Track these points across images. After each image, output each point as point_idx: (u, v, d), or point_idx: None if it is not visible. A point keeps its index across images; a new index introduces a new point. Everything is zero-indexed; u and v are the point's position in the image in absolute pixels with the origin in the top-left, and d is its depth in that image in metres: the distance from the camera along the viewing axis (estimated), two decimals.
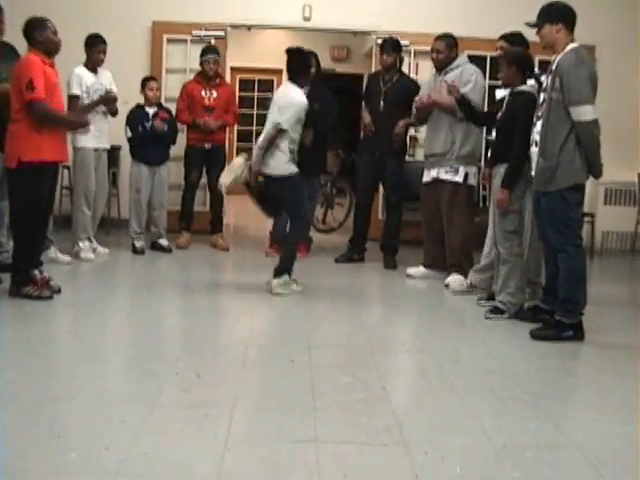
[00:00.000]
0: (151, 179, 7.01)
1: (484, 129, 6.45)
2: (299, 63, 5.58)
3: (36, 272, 5.00)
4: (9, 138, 4.96)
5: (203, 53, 7.36)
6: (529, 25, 4.76)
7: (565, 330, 4.61)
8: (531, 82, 5.16)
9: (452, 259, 6.11)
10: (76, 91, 6.36)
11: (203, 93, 7.27)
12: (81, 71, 6.45)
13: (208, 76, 7.28)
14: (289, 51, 5.64)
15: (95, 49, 6.49)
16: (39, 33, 4.99)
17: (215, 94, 7.29)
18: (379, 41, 7.39)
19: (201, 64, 7.34)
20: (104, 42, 6.54)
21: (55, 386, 3.49)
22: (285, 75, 5.80)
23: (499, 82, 5.46)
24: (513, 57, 5.15)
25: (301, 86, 5.53)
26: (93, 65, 6.54)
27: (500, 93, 5.67)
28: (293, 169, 5.47)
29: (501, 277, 5.16)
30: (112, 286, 5.91)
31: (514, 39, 5.62)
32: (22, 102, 4.85)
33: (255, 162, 5.49)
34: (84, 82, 6.43)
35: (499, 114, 5.28)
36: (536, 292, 5.39)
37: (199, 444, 2.87)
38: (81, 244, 6.53)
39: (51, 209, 5.46)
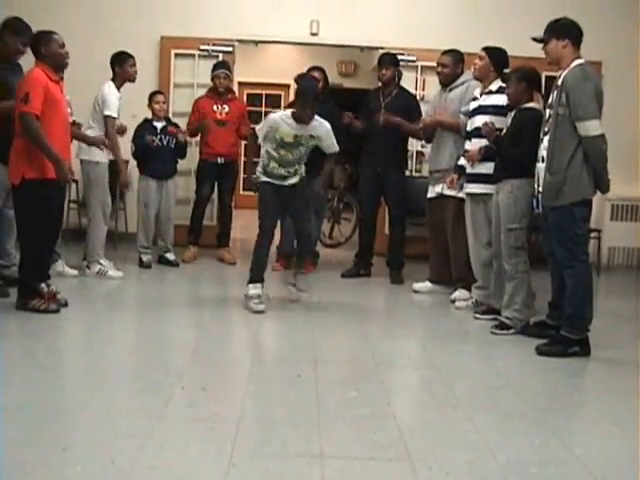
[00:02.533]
0: (159, 193, 7.03)
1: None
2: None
3: (43, 285, 5.01)
4: (13, 153, 4.93)
5: (214, 68, 7.44)
6: (535, 40, 4.78)
7: (571, 346, 4.61)
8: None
9: (458, 274, 6.10)
10: (114, 113, 6.27)
11: (215, 107, 7.32)
12: (117, 93, 6.36)
13: (219, 91, 7.33)
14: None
15: (127, 63, 6.43)
16: (45, 47, 4.98)
17: (227, 108, 7.34)
18: None
19: (212, 79, 7.40)
20: (132, 56, 6.50)
21: (61, 399, 3.49)
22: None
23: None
24: (522, 76, 5.14)
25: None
26: (124, 81, 6.47)
27: (473, 105, 5.71)
28: (262, 178, 5.60)
29: (507, 293, 5.16)
30: (118, 300, 5.93)
31: (497, 55, 5.65)
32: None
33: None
34: (118, 104, 6.37)
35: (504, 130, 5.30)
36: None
37: (204, 458, 2.87)
38: (104, 262, 6.42)
39: (60, 224, 5.47)
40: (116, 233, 7.80)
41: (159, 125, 7.01)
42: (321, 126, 5.49)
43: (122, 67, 6.44)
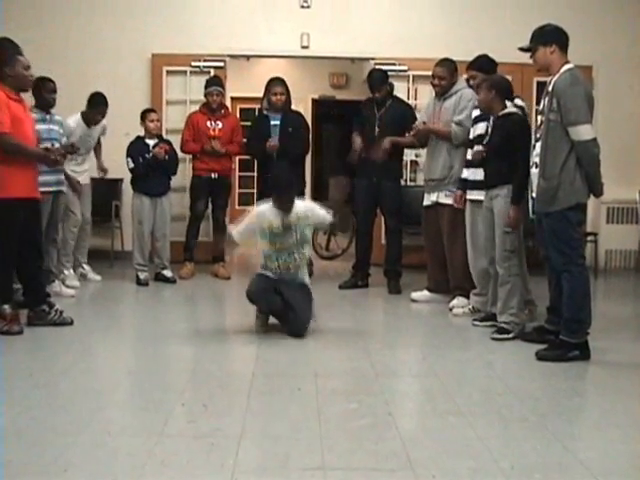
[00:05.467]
0: (153, 210, 7.04)
1: None
2: None
3: (6, 307, 4.95)
4: None
5: (207, 85, 7.46)
6: (523, 49, 4.79)
7: (571, 350, 4.60)
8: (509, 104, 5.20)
9: (455, 282, 6.10)
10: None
11: (208, 124, 7.35)
12: (75, 123, 6.58)
13: (212, 108, 7.34)
14: None
15: (96, 110, 6.70)
16: (9, 68, 4.89)
17: (220, 124, 7.37)
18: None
19: (205, 96, 7.42)
20: (106, 104, 6.72)
21: (60, 419, 3.47)
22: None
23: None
24: (492, 83, 5.21)
25: None
26: (90, 122, 6.74)
27: (480, 128, 5.56)
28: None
29: (502, 298, 5.17)
30: (117, 318, 5.91)
31: (482, 64, 5.69)
32: None
33: None
34: (75, 134, 6.51)
35: (486, 139, 5.30)
36: (532, 312, 5.42)
37: (206, 474, 2.86)
38: (66, 272, 6.66)
39: (40, 243, 5.33)
40: (112, 252, 7.80)
41: (151, 142, 7.01)
42: (305, 206, 5.31)
43: (91, 110, 6.72)
